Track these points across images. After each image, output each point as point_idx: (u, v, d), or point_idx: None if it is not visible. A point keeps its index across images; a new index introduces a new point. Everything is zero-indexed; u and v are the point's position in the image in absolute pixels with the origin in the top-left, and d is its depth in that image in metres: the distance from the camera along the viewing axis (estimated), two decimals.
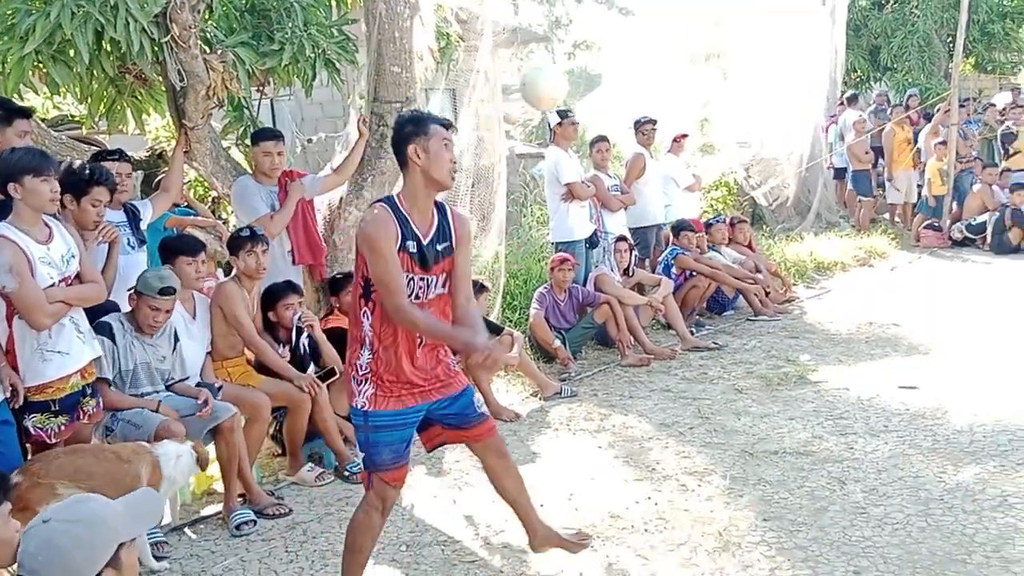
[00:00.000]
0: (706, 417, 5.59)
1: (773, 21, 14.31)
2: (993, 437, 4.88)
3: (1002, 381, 5.84)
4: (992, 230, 11.02)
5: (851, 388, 5.97)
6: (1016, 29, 18.58)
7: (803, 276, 9.89)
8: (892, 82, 16.82)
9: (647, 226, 8.72)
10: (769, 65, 15.96)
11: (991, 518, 3.91)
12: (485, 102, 7.79)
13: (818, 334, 7.59)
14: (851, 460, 4.69)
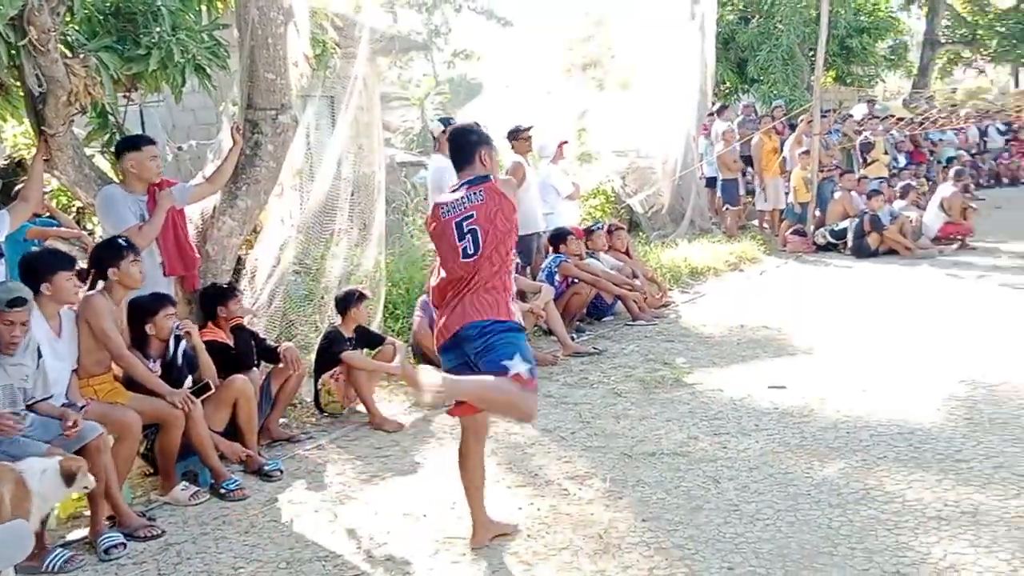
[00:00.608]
0: (587, 421, 5.68)
1: (646, 34, 14.71)
2: (856, 433, 5.13)
3: (864, 379, 6.14)
4: (852, 235, 11.59)
5: (724, 389, 6.18)
6: (872, 44, 19.71)
7: (678, 281, 10.18)
8: (759, 94, 17.56)
9: (528, 234, 8.78)
10: (643, 76, 16.42)
11: (855, 511, 4.11)
12: (364, 109, 7.72)
13: (693, 337, 7.82)
14: (724, 459, 4.85)
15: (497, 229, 3.83)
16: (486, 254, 3.81)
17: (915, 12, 24.58)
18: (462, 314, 3.80)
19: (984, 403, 5.49)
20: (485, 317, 3.76)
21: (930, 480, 4.39)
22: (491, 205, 3.85)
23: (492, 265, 3.82)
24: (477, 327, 3.76)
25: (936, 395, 5.70)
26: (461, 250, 3.84)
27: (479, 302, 3.79)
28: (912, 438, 4.98)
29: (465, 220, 3.86)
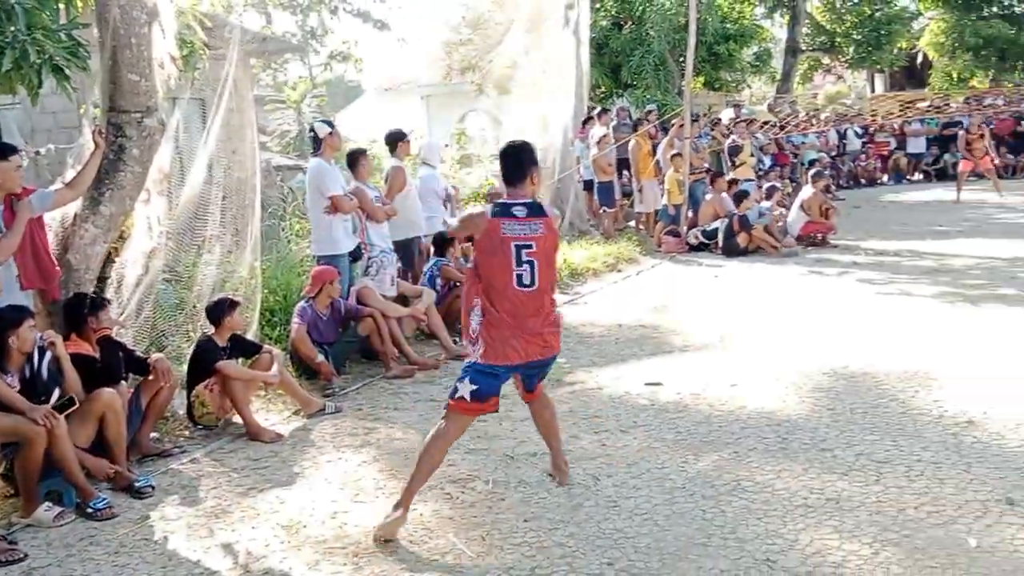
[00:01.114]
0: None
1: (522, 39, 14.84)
2: (727, 427, 5.32)
3: (735, 374, 6.37)
4: (722, 235, 12.01)
5: (603, 388, 6.31)
6: (739, 51, 20.44)
7: (558, 282, 10.30)
8: (633, 98, 17.95)
9: (409, 238, 8.76)
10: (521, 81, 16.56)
11: (727, 502, 4.26)
12: (236, 112, 7.52)
13: (572, 337, 7.94)
14: (604, 456, 4.95)
15: (551, 264, 4.25)
16: (543, 288, 4.20)
17: (778, 20, 25.61)
18: (547, 347, 4.29)
19: (846, 394, 5.77)
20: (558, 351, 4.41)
21: (797, 469, 4.59)
22: (549, 242, 4.21)
23: (550, 296, 4.28)
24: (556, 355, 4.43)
25: (802, 387, 5.96)
26: (516, 276, 4.14)
27: (557, 336, 4.37)
28: (780, 429, 5.20)
29: (525, 248, 4.14)
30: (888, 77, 29.70)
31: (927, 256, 10.89)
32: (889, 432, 5.02)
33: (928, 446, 4.76)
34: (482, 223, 4.19)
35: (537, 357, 4.27)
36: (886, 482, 4.34)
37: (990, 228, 12.76)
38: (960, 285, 8.93)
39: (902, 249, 11.48)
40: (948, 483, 4.27)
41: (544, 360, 4.34)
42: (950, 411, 5.26)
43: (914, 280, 9.43)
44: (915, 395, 5.63)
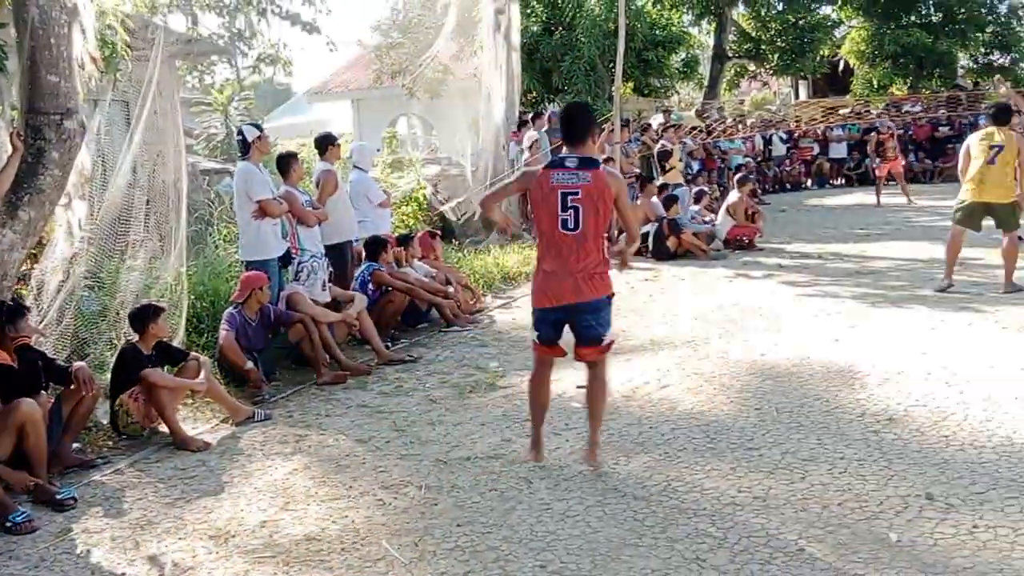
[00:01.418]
0: (402, 430, 5.66)
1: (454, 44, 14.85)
2: (658, 428, 5.39)
3: (665, 375, 6.47)
4: (653, 239, 12.16)
5: None
6: (667, 57, 20.76)
7: (491, 287, 10.34)
8: (564, 103, 18.07)
9: (341, 242, 8.68)
10: (452, 85, 16.56)
11: (658, 502, 4.31)
12: (161, 115, 7.37)
13: (506, 341, 7.96)
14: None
15: (597, 212, 4.46)
16: (586, 232, 4.45)
17: (705, 27, 26.09)
18: (576, 290, 4.51)
19: (772, 394, 5.89)
20: (600, 296, 4.55)
21: (725, 469, 4.67)
22: (596, 190, 4.45)
23: (595, 243, 4.49)
24: (593, 304, 4.55)
25: (730, 388, 6.07)
26: (561, 221, 4.48)
27: (593, 283, 4.52)
28: (708, 430, 5.28)
29: (570, 195, 4.46)
30: (811, 84, 30.44)
31: (849, 258, 11.19)
32: (814, 431, 5.14)
33: (851, 443, 4.89)
34: (534, 175, 4.63)
35: (568, 300, 4.53)
36: (811, 479, 4.44)
37: (909, 231, 13.16)
38: (881, 286, 9.19)
39: (825, 251, 11.77)
40: (870, 479, 4.39)
41: (576, 304, 4.53)
42: (872, 409, 5.41)
43: (837, 282, 9.67)
44: (839, 394, 5.78)
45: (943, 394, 5.57)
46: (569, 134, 4.66)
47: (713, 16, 24.32)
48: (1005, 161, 8.16)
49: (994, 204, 8.26)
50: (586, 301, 4.54)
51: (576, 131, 4.64)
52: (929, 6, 25.78)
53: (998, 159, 8.16)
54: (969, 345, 6.63)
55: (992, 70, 26.12)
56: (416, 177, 13.52)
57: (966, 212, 8.45)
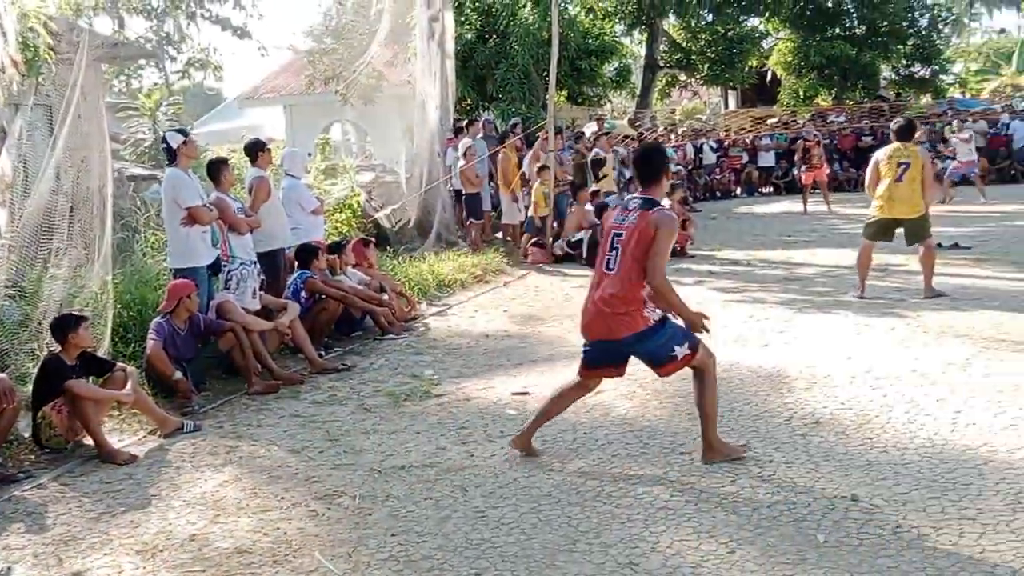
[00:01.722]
0: (335, 439, 5.61)
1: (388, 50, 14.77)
2: (592, 434, 5.42)
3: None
4: (587, 246, 12.26)
5: (471, 399, 6.33)
6: (600, 66, 20.99)
7: (426, 294, 10.30)
8: (498, 111, 18.14)
9: (274, 249, 8.56)
10: (387, 91, 16.48)
11: (592, 507, 4.34)
12: (85, 119, 7.19)
13: (441, 349, 7.95)
14: (472, 467, 4.97)
15: (633, 255, 4.51)
16: (621, 275, 4.56)
17: (637, 37, 26.46)
18: (608, 330, 4.63)
19: None
20: (635, 331, 4.58)
21: (658, 473, 4.72)
22: (635, 231, 4.52)
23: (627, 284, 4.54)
24: (635, 338, 4.60)
25: (663, 393, 6.14)
26: (606, 261, 4.65)
27: (623, 321, 4.57)
28: (642, 435, 5.34)
29: (617, 236, 4.63)
30: (740, 94, 31.09)
31: (777, 265, 11.43)
32: (744, 434, 5.23)
33: (780, 447, 4.99)
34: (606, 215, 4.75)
35: (600, 338, 4.70)
36: (741, 483, 4.51)
37: (834, 238, 13.50)
38: (808, 292, 9.41)
39: (754, 258, 12.02)
40: (799, 482, 4.48)
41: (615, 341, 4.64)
42: (799, 412, 5.53)
43: (765, 288, 9.88)
44: (767, 398, 5.90)
45: (867, 397, 5.72)
46: (641, 175, 4.82)
47: (644, 26, 24.66)
48: (912, 178, 8.38)
49: (903, 219, 8.51)
50: (617, 339, 4.64)
51: (647, 172, 4.77)
52: (853, 19, 26.53)
53: (905, 176, 8.38)
54: (892, 349, 6.83)
55: (913, 82, 26.99)
56: (350, 184, 13.40)
57: (877, 228, 8.70)
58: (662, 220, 4.54)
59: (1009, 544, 3.68)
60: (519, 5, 18.77)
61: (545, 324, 8.69)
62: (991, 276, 9.55)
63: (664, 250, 4.53)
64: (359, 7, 13.51)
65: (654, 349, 4.64)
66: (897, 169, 8.41)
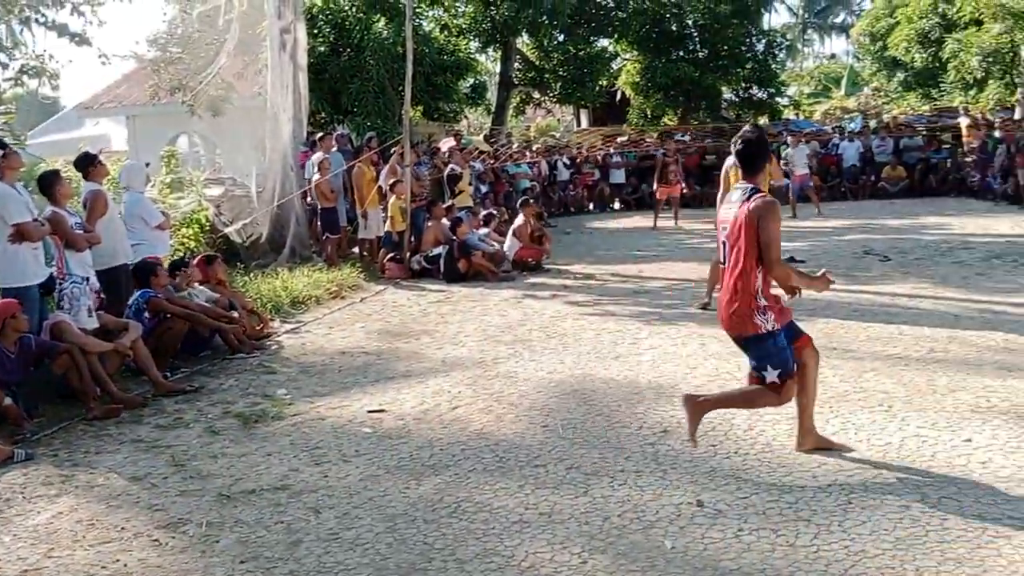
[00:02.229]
0: (181, 464, 5.39)
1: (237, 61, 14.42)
2: (449, 450, 5.42)
3: (456, 397, 6.52)
4: (444, 261, 12.29)
5: (325, 418, 6.21)
6: (455, 82, 21.08)
7: (279, 311, 10.05)
8: (353, 125, 17.95)
9: (115, 266, 8.18)
10: (237, 103, 16.06)
11: (447, 524, 4.34)
12: None
13: (294, 367, 7.77)
14: (326, 488, 4.87)
15: (740, 247, 4.60)
16: (732, 266, 4.67)
17: (491, 55, 26.77)
18: (729, 323, 4.78)
19: (558, 411, 6.08)
20: (737, 332, 4.76)
21: (513, 487, 4.76)
22: (738, 222, 4.62)
23: (740, 278, 4.62)
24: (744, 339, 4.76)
25: (518, 406, 6.22)
26: (723, 254, 4.78)
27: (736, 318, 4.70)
28: (498, 449, 5.38)
29: (724, 230, 4.76)
30: (592, 112, 31.88)
31: (628, 278, 11.78)
32: (596, 445, 5.35)
33: (630, 456, 5.13)
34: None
35: (724, 328, 4.87)
36: (593, 493, 4.61)
37: (681, 252, 14.03)
38: (657, 305, 9.74)
39: (607, 272, 12.33)
40: (647, 490, 4.62)
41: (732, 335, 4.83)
42: (649, 422, 5.71)
43: (617, 301, 10.16)
44: (619, 408, 6.05)
45: None
46: (747, 167, 4.84)
47: (499, 44, 24.97)
48: None
49: None
50: (736, 334, 4.79)
51: (754, 165, 4.83)
52: (696, 43, 27.68)
53: None
54: (734, 359, 7.12)
55: (751, 103, 28.40)
56: (198, 198, 12.95)
57: None
58: (758, 206, 4.57)
59: (841, 543, 3.91)
60: (373, 20, 18.64)
61: (402, 340, 8.64)
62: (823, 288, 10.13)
63: (774, 237, 4.56)
64: (205, 16, 13.10)
65: (759, 356, 4.75)
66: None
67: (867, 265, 11.58)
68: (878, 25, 32.76)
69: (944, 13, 26.50)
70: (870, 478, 4.59)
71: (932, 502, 4.25)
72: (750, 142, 4.85)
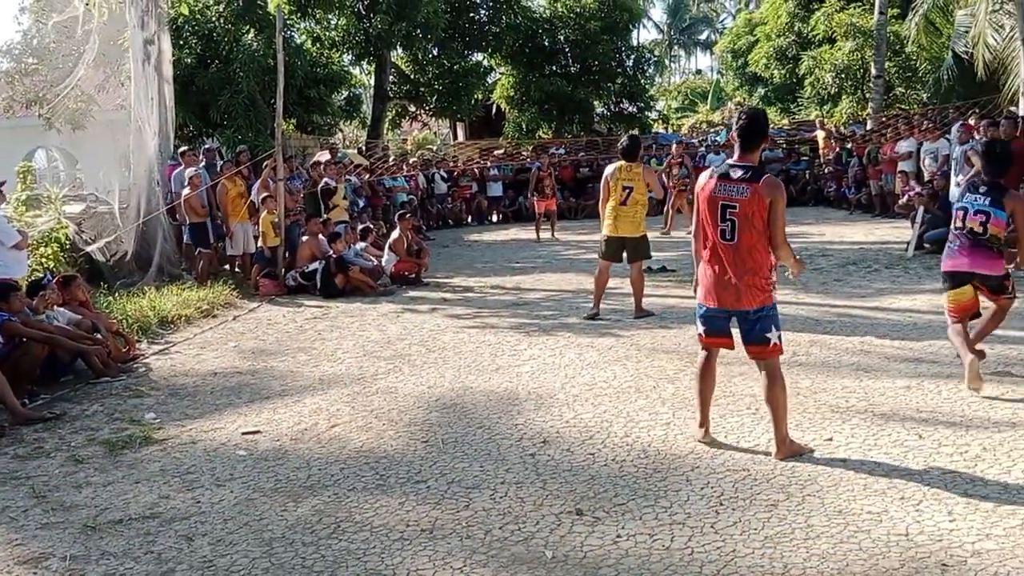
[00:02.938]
0: (42, 496, 5.12)
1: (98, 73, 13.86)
2: (327, 469, 5.33)
3: (335, 415, 6.42)
4: (320, 276, 12.09)
5: (197, 441, 6.02)
6: (329, 95, 20.86)
7: (147, 332, 9.68)
8: (223, 138, 17.50)
9: None
10: (98, 117, 15.42)
11: (327, 545, 4.26)
12: None
13: (163, 390, 7.49)
14: (198, 515, 4.72)
15: (753, 226, 4.79)
16: (742, 244, 4.82)
17: (365, 68, 26.60)
18: (737, 298, 4.91)
19: (438, 425, 6.08)
20: (756, 305, 4.90)
21: (394, 504, 4.73)
22: (752, 205, 4.77)
23: (751, 255, 4.83)
24: (753, 313, 4.91)
25: (398, 422, 6.17)
26: (720, 231, 4.87)
27: (751, 293, 4.87)
28: (378, 466, 5.33)
29: (729, 208, 4.82)
30: (468, 126, 32.09)
31: (507, 290, 11.87)
32: (477, 458, 5.37)
33: (511, 468, 5.17)
34: (701, 184, 5.00)
35: (729, 305, 4.97)
36: (475, 507, 4.62)
37: (558, 263, 14.24)
38: (535, 316, 9.85)
39: (486, 285, 12.40)
40: (528, 501, 4.66)
41: (737, 311, 4.96)
42: (528, 433, 5.76)
43: (496, 313, 10.22)
44: (499, 420, 6.09)
45: (590, 414, 6.07)
46: (746, 142, 4.91)
47: (373, 57, 24.83)
48: (635, 200, 9.14)
49: (627, 238, 9.21)
50: (745, 309, 4.92)
51: (753, 142, 4.92)
52: (568, 58, 28.26)
53: (629, 200, 9.11)
54: (611, 367, 7.30)
55: (623, 117, 29.15)
56: (57, 215, 12.34)
57: (608, 247, 9.34)
58: (772, 188, 4.81)
59: (714, 544, 4.04)
60: (242, 31, 18.23)
61: (277, 358, 8.45)
62: (693, 296, 10.46)
63: (782, 216, 4.83)
64: (62, 27, 12.54)
65: (766, 326, 4.92)
66: (622, 193, 9.08)
67: None
68: (739, 42, 34.24)
69: (800, 31, 27.88)
70: (740, 479, 4.76)
71: (797, 500, 4.45)
72: (754, 119, 4.97)
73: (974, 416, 5.53)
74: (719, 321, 5.14)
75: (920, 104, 24.20)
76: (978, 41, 18.54)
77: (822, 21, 25.58)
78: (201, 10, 18.73)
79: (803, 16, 27.55)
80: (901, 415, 5.65)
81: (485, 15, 27.31)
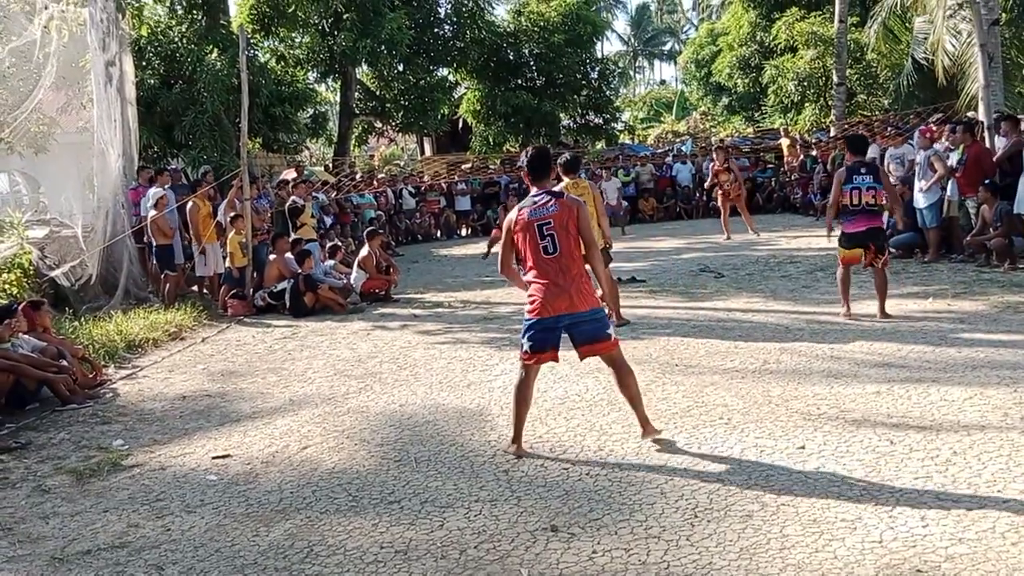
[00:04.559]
0: (8, 528, 5.02)
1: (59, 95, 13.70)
2: (300, 492, 5.28)
3: (307, 436, 6.36)
4: (289, 295, 12.01)
5: (167, 467, 5.93)
6: (295, 113, 20.78)
7: (114, 357, 9.55)
8: (188, 158, 17.37)
9: None
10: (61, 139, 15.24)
11: (299, 571, 4.20)
12: None
13: (132, 416, 7.39)
14: (168, 543, 4.64)
15: (570, 233, 5.34)
16: (563, 252, 5.32)
17: (331, 85, 26.55)
18: (571, 303, 5.33)
19: (411, 443, 6.03)
20: (590, 307, 5.38)
21: (367, 526, 4.68)
22: (564, 215, 5.34)
23: (574, 260, 5.35)
24: (588, 315, 5.37)
25: (370, 442, 6.12)
26: (542, 248, 5.33)
27: (582, 296, 5.35)
28: (351, 487, 5.28)
29: (544, 225, 5.34)
30: (435, 140, 32.11)
31: (478, 305, 11.85)
32: (451, 476, 5.33)
33: (484, 485, 5.14)
34: (513, 219, 5.46)
35: (564, 311, 5.34)
36: (449, 526, 4.59)
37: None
38: (506, 331, 9.81)
39: (456, 300, 12.38)
40: (503, 518, 4.63)
41: (573, 315, 5.34)
42: (502, 448, 5.73)
43: (467, 328, 10.20)
44: (472, 437, 6.06)
45: (562, 428, 6.05)
46: (536, 173, 5.54)
47: (338, 74, 24.78)
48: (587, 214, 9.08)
49: None
50: (580, 311, 5.34)
51: (543, 171, 5.57)
52: (533, 71, 28.41)
53: None
54: (583, 379, 7.28)
55: (589, 129, 29.32)
56: (19, 240, 12.15)
57: None
58: (575, 201, 5.48)
59: (689, 557, 4.03)
60: (205, 51, 18.12)
61: (247, 380, 8.37)
62: (663, 306, 10.53)
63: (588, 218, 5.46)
64: (19, 51, 12.39)
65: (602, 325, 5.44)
66: None
67: (703, 282, 12.08)
68: (702, 53, 34.59)
69: (762, 40, 28.21)
70: (714, 490, 4.76)
71: (772, 510, 4.45)
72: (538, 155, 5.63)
73: (944, 420, 5.58)
74: (550, 334, 5.46)
75: (882, 110, 24.55)
76: (937, 47, 18.84)
77: (783, 30, 25.90)
78: (163, 30, 18.63)
79: (765, 26, 27.88)
80: (872, 421, 5.69)
81: (449, 30, 27.39)
